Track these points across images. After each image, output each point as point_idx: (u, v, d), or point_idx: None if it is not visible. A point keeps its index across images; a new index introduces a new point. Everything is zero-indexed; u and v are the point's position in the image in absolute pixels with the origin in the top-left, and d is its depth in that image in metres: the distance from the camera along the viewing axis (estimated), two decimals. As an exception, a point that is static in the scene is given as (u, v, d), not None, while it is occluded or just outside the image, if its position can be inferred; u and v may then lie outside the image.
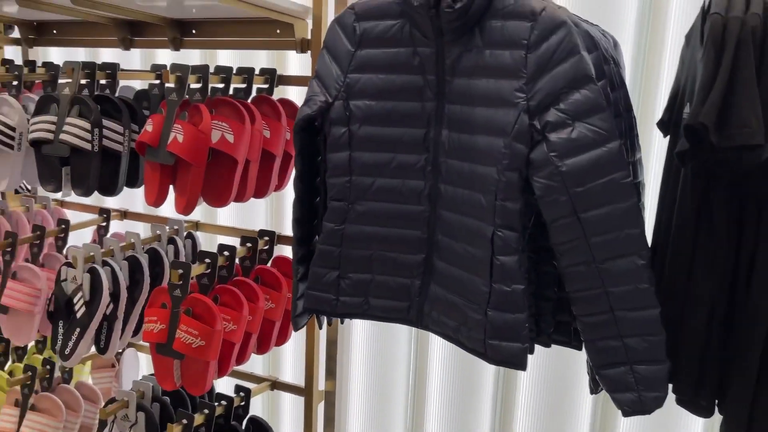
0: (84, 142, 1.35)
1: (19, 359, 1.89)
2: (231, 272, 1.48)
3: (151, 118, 1.32)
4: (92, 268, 1.44)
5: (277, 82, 1.53)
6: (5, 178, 1.52)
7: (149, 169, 1.35)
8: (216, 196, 1.37)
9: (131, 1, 1.45)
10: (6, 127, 1.46)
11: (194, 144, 1.27)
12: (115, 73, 1.47)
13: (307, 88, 1.10)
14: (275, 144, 1.44)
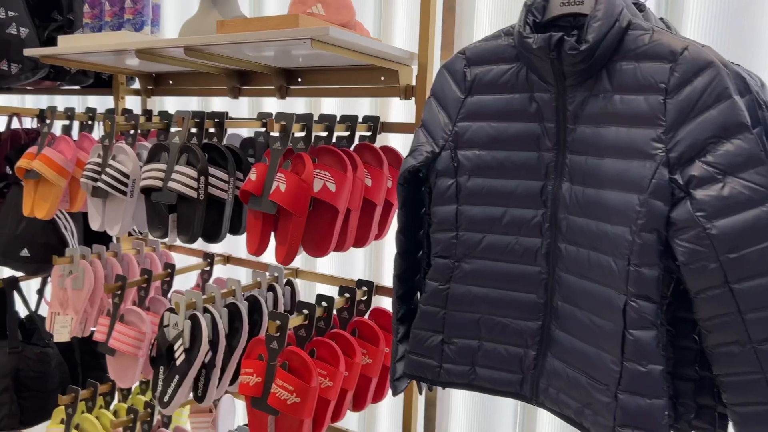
0: (190, 190, 1.36)
1: (124, 398, 1.93)
2: (329, 324, 1.43)
3: (255, 166, 1.31)
4: (193, 315, 1.43)
5: (380, 129, 1.49)
6: (118, 223, 1.57)
7: (252, 217, 1.33)
8: (316, 245, 1.33)
9: (240, 51, 1.47)
10: (121, 174, 1.52)
11: (296, 193, 1.24)
12: (222, 121, 1.49)
13: (413, 137, 1.04)
14: (376, 192, 1.39)
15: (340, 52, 1.27)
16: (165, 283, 1.78)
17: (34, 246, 1.94)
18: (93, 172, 1.55)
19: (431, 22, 1.38)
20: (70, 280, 1.75)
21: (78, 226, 2.02)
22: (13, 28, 1.84)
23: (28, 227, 1.94)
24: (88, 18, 1.69)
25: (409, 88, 1.47)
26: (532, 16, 0.89)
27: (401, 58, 1.41)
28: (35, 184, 1.70)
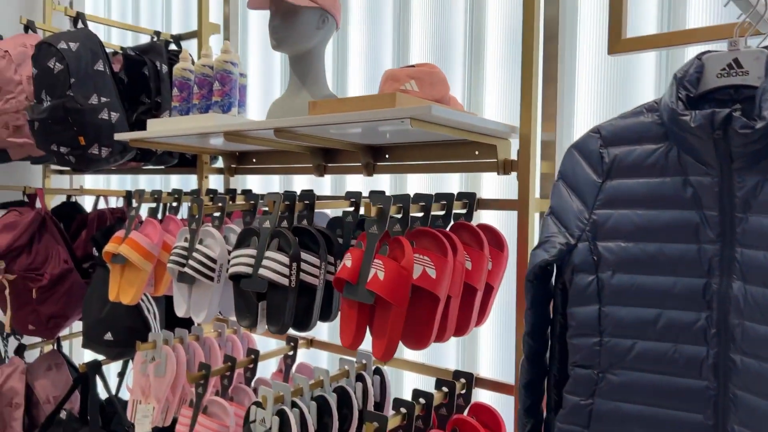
0: (282, 278, 1.29)
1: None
2: (428, 423, 1.30)
3: (350, 252, 1.23)
4: (281, 410, 1.34)
5: (477, 207, 1.40)
6: (204, 310, 1.51)
7: (346, 306, 1.24)
8: (415, 337, 1.22)
9: (326, 131, 1.42)
10: (208, 259, 1.47)
11: (396, 282, 1.14)
12: (312, 203, 1.43)
13: (541, 226, 0.94)
14: (477, 276, 1.28)
15: (440, 129, 1.20)
16: (248, 370, 1.70)
17: (118, 330, 1.91)
18: (180, 256, 1.51)
19: (533, 93, 1.29)
20: (152, 366, 1.70)
21: (160, 308, 1.99)
22: (105, 113, 1.88)
23: (113, 311, 1.92)
24: (176, 101, 1.70)
25: (509, 162, 1.38)
26: (684, 90, 0.79)
27: (501, 132, 1.33)
28: (122, 268, 1.68)
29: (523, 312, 1.32)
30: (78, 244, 2.24)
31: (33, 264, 2.02)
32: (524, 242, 1.31)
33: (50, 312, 2.06)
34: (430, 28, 1.75)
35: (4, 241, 1.99)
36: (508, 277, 1.53)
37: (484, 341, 1.65)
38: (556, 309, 0.93)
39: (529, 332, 0.96)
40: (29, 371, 2.17)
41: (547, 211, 0.94)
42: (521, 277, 1.32)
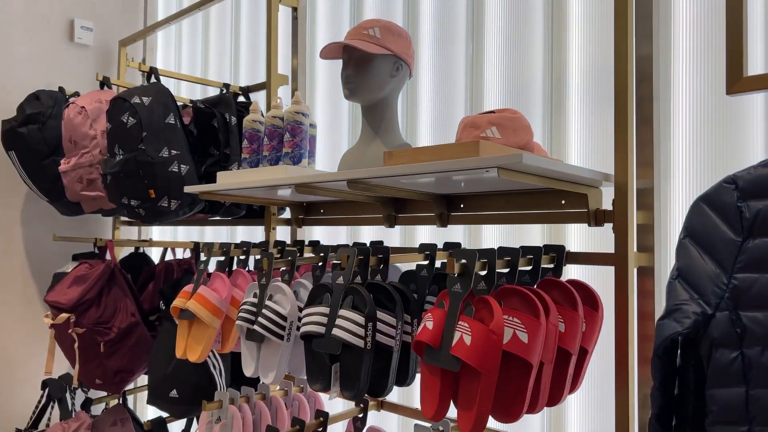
0: (357, 339, 1.20)
1: None
2: (519, 504, 1.16)
3: (431, 312, 1.13)
4: (356, 484, 1.23)
5: (565, 261, 1.28)
6: (273, 370, 1.44)
7: (427, 372, 1.14)
8: (504, 409, 1.10)
9: (399, 181, 1.35)
10: (278, 316, 1.40)
11: (485, 347, 1.03)
12: (387, 257, 1.35)
13: (668, 292, 0.82)
14: (571, 339, 1.16)
15: (529, 179, 1.11)
16: (316, 434, 1.60)
17: (184, 386, 1.86)
18: (249, 313, 1.45)
19: (628, 137, 1.19)
20: (218, 428, 1.62)
21: (226, 365, 1.94)
22: (175, 166, 1.88)
23: (179, 367, 1.87)
24: (246, 153, 1.68)
25: (601, 212, 1.27)
26: None
27: (593, 181, 1.22)
28: (189, 324, 1.64)
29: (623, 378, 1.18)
30: (145, 296, 2.23)
31: (102, 317, 2.01)
32: (623, 301, 1.19)
33: (117, 366, 2.03)
34: (505, 71, 1.68)
35: (75, 293, 1.99)
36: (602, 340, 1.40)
37: (574, 410, 1.50)
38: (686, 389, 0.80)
39: (657, 415, 0.83)
40: (95, 426, 2.14)
41: (673, 274, 0.83)
42: (621, 340, 1.19)
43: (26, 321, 2.59)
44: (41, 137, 2.20)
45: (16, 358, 2.56)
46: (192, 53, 2.87)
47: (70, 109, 2.10)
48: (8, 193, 2.58)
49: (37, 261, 2.64)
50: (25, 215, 2.62)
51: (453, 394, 1.13)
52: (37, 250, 2.64)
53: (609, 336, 1.35)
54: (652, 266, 1.25)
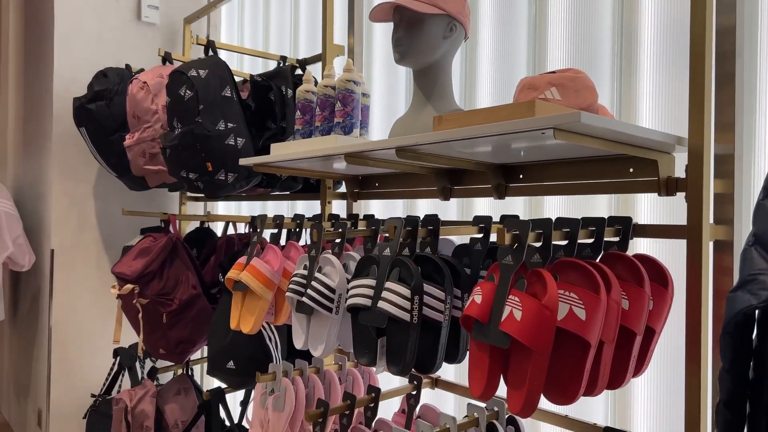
0: (402, 312, 1.15)
1: None
2: (575, 492, 1.08)
3: (480, 285, 1.06)
4: (403, 462, 1.19)
5: (632, 234, 1.18)
6: (322, 343, 1.41)
7: (476, 349, 1.07)
8: (560, 390, 1.02)
9: (453, 149, 1.28)
10: (327, 288, 1.37)
11: (536, 323, 0.96)
12: (437, 229, 1.29)
13: (742, 260, 0.72)
14: (635, 318, 1.06)
15: (590, 142, 1.01)
16: (368, 409, 1.57)
17: (240, 358, 1.87)
18: (298, 285, 1.43)
19: (705, 97, 1.07)
20: (271, 399, 1.62)
21: (282, 338, 1.94)
22: (231, 139, 1.88)
23: (235, 339, 1.89)
24: (299, 124, 1.65)
25: (672, 180, 1.15)
26: None
27: (664, 145, 1.11)
28: (243, 296, 1.64)
29: (695, 363, 1.08)
30: (207, 269, 2.26)
31: (164, 289, 2.06)
32: (696, 277, 1.08)
33: (179, 337, 2.07)
34: (570, 29, 1.56)
35: (139, 265, 2.04)
36: (672, 320, 1.29)
37: (641, 394, 1.40)
38: (763, 371, 0.70)
39: (727, 401, 0.73)
40: (160, 395, 2.20)
41: (749, 240, 0.72)
42: (693, 318, 1.08)
43: (99, 292, 2.70)
44: (109, 113, 2.26)
45: (90, 328, 2.68)
46: (254, 28, 2.87)
47: (133, 85, 2.14)
48: (82, 169, 2.69)
49: (109, 234, 2.74)
50: (98, 190, 2.72)
51: (503, 371, 1.06)
52: (109, 224, 2.74)
53: (681, 316, 1.23)
54: (731, 240, 1.13)
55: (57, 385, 2.61)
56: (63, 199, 2.64)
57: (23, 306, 3.04)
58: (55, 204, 2.62)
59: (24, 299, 3.03)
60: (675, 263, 1.31)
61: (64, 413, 2.63)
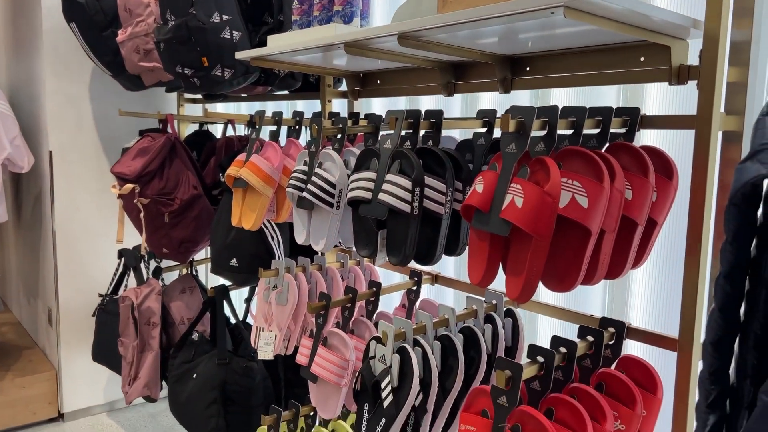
0: (403, 204, 1.15)
1: (325, 422, 1.80)
2: (569, 376, 1.11)
3: (482, 175, 1.05)
4: (402, 348, 1.22)
5: (639, 126, 1.15)
6: (323, 238, 1.42)
7: (475, 238, 1.07)
8: (558, 277, 1.03)
9: (457, 37, 1.23)
10: (327, 183, 1.36)
11: (537, 210, 0.95)
12: (439, 122, 1.26)
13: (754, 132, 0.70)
14: (638, 208, 1.06)
15: (602, 23, 0.96)
16: (370, 303, 1.61)
17: (242, 256, 1.89)
18: (298, 181, 1.42)
19: (725, -24, 1.00)
20: (274, 294, 1.66)
21: (284, 236, 1.95)
22: (227, 32, 1.81)
23: (237, 237, 1.90)
24: (296, 14, 1.58)
25: (685, 69, 1.11)
26: None
27: (678, 29, 1.06)
28: (243, 193, 1.63)
29: (694, 257, 1.08)
30: (207, 171, 2.25)
31: (165, 189, 2.05)
32: (702, 168, 1.06)
33: (181, 236, 2.09)
34: None
35: (138, 165, 2.03)
36: (674, 212, 1.29)
37: (638, 286, 1.42)
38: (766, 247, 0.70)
39: (727, 274, 0.73)
40: (165, 293, 2.25)
41: (764, 110, 0.70)
42: (696, 210, 1.07)
43: (101, 194, 2.70)
44: (99, 7, 2.16)
45: (94, 229, 2.70)
46: None
47: (122, -24, 2.04)
48: (76, 68, 2.61)
49: (107, 136, 2.70)
50: (93, 91, 2.66)
51: (503, 260, 1.07)
52: (107, 125, 2.70)
53: (684, 208, 1.23)
54: (741, 132, 1.10)
55: (64, 285, 2.67)
56: (57, 100, 2.58)
57: (26, 209, 3.06)
58: (49, 104, 2.57)
59: (26, 202, 3.04)
60: (681, 157, 1.29)
61: (73, 312, 2.70)
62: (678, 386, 1.13)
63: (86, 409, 2.78)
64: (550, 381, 1.07)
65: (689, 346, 1.10)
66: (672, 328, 1.34)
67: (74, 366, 2.72)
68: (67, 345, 2.70)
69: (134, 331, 2.15)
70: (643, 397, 1.14)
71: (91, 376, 2.75)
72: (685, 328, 1.11)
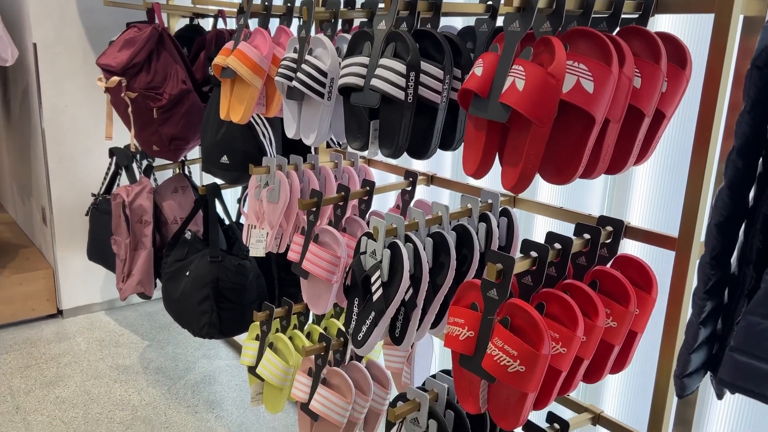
0: (396, 90, 1.08)
1: (318, 320, 1.81)
2: (562, 272, 1.09)
3: (482, 57, 0.97)
4: (393, 243, 1.19)
5: (654, 10, 1.06)
6: (314, 131, 1.36)
7: (472, 126, 1.02)
8: (557, 168, 0.98)
9: None
10: (317, 71, 1.28)
11: (539, 93, 0.89)
12: (439, 3, 1.17)
13: None
14: (646, 97, 0.99)
15: None
16: (363, 202, 1.57)
17: (233, 153, 1.84)
18: (288, 69, 1.34)
19: None
20: (265, 192, 1.61)
21: (277, 134, 1.89)
22: None
23: (228, 133, 1.84)
24: None
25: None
26: None
27: None
28: (231, 84, 1.55)
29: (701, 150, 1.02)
30: (197, 66, 2.15)
31: (152, 83, 1.96)
32: (719, 54, 0.98)
33: (171, 133, 2.03)
34: None
35: (124, 56, 1.93)
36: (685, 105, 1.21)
37: (640, 184, 1.37)
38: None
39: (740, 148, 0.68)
40: (157, 192, 2.21)
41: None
42: (708, 101, 1.01)
43: (89, 90, 2.61)
44: None
45: (83, 126, 2.63)
46: None
47: None
48: (56, -46, 2.45)
49: (94, 29, 2.58)
50: (75, -21, 2.51)
51: (499, 151, 1.01)
52: (92, 17, 2.57)
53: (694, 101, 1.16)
54: (764, 16, 1.01)
55: (56, 185, 2.63)
56: (39, -11, 2.44)
57: (15, 105, 2.97)
58: (30, -7, 2.43)
59: (15, 99, 2.95)
60: (697, 45, 1.20)
61: (67, 211, 2.68)
62: (673, 286, 1.11)
63: (84, 307, 2.82)
64: (542, 276, 1.05)
65: (688, 246, 1.07)
66: (672, 229, 1.30)
67: (70, 264, 2.73)
68: (62, 244, 2.70)
69: (126, 229, 2.13)
70: (637, 296, 1.12)
71: (88, 275, 2.77)
72: (685, 227, 1.07)
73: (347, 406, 1.52)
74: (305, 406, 1.58)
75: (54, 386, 2.24)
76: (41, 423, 2.03)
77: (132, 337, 2.63)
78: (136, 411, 2.11)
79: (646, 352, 1.40)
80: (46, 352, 2.48)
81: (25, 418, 2.06)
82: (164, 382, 2.29)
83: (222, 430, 2.03)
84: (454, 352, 1.08)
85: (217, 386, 2.28)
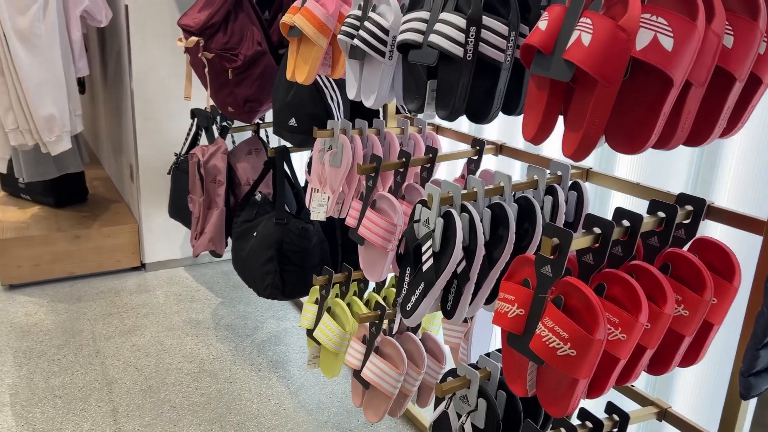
0: (455, 46, 1.01)
1: (378, 288, 1.78)
2: (629, 252, 0.99)
3: (548, 10, 0.88)
4: (447, 212, 1.13)
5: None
6: (373, 92, 1.31)
7: (534, 87, 0.93)
8: (627, 135, 0.88)
9: None
10: (379, 29, 1.23)
11: (607, 49, 0.79)
12: (509, -47, 1.07)
13: None
14: (739, 59, 0.87)
15: None
16: (425, 170, 1.51)
17: (301, 116, 1.83)
18: (350, 27, 1.30)
19: None
20: (328, 155, 1.59)
21: (345, 98, 1.85)
22: None
23: (297, 96, 1.82)
24: None
25: None
26: None
27: None
28: (298, 43, 1.53)
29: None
30: (274, 29, 2.14)
31: (228, 43, 1.98)
32: (833, 7, 0.84)
33: (246, 95, 2.04)
34: None
35: (203, 16, 1.95)
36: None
37: (730, 158, 1.22)
38: None
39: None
40: (232, 154, 2.25)
41: None
42: (814, 63, 0.87)
43: (176, 52, 2.67)
44: None
45: (170, 87, 2.71)
46: None
47: None
48: None
49: (180, -8, 2.64)
50: (166, -58, 2.56)
51: (564, 114, 0.93)
52: (180, -20, 2.62)
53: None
54: None
55: (142, 143, 2.74)
56: (131, -48, 2.51)
57: (110, 66, 3.11)
58: (124, -44, 2.51)
59: (110, 59, 3.09)
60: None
61: (152, 169, 2.79)
62: (758, 275, 0.99)
63: (165, 262, 2.95)
64: (605, 255, 0.95)
65: (780, 230, 0.94)
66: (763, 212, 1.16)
67: (154, 220, 2.85)
68: (147, 200, 2.82)
69: (201, 188, 2.18)
70: (716, 284, 1.00)
71: (170, 232, 2.89)
72: (777, 209, 0.94)
73: (399, 377, 1.49)
74: (358, 374, 1.57)
75: (131, 334, 2.37)
76: (117, 367, 2.15)
77: (206, 294, 2.72)
78: (203, 364, 2.19)
79: (728, 345, 1.27)
80: (128, 302, 2.62)
81: (104, 362, 2.18)
82: (232, 339, 2.36)
83: (282, 389, 2.06)
84: (503, 330, 1.02)
85: (282, 347, 2.32)
